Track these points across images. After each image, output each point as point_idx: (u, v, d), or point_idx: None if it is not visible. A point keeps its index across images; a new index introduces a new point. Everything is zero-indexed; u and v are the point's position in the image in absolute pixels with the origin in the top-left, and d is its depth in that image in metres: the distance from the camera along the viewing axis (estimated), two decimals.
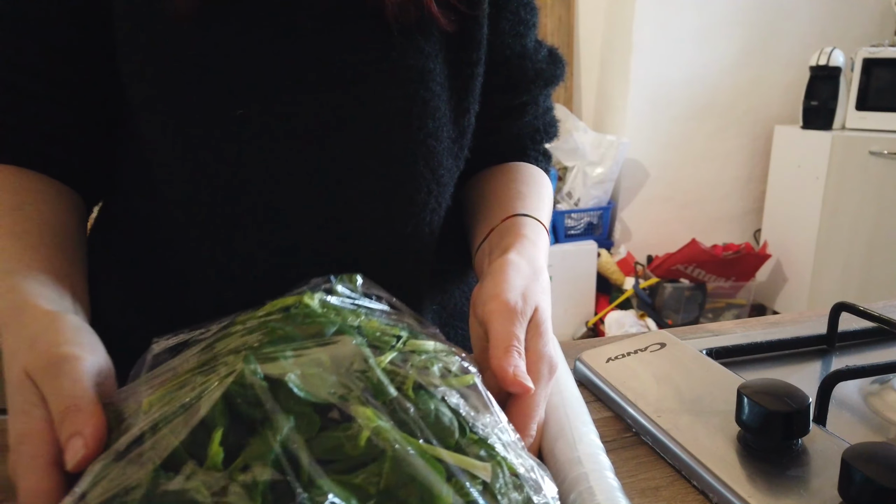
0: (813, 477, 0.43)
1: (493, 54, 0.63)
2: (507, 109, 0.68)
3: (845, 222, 2.51)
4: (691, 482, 0.46)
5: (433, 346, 0.39)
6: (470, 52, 0.58)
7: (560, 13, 2.90)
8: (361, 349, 0.35)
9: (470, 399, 0.36)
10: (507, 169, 0.68)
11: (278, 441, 0.29)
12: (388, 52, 0.53)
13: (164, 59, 0.50)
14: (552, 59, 0.68)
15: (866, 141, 2.43)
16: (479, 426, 0.34)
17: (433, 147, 0.56)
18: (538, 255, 0.54)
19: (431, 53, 0.55)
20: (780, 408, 0.44)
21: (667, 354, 0.60)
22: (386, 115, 0.54)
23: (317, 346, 0.35)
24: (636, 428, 0.52)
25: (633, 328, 2.55)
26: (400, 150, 0.55)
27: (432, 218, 0.59)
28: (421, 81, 0.54)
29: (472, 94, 0.59)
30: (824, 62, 2.55)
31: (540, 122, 0.71)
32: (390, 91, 0.54)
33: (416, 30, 0.54)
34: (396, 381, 0.34)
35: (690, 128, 2.82)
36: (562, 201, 2.79)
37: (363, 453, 0.30)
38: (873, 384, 0.58)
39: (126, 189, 0.59)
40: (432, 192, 0.58)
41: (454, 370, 0.37)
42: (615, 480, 0.40)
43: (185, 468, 0.29)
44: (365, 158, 0.54)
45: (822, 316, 0.67)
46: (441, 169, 0.58)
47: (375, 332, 0.38)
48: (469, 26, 0.57)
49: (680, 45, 2.70)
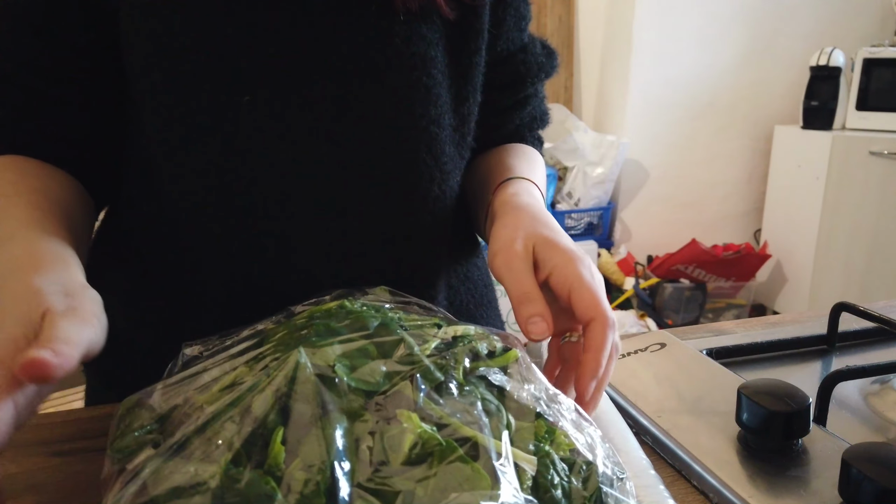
0: (813, 477, 0.43)
1: (498, 50, 0.64)
2: (510, 104, 0.69)
3: (846, 222, 2.51)
4: (691, 482, 0.46)
5: (473, 330, 0.39)
6: (470, 41, 0.59)
7: (560, 13, 2.90)
8: (406, 338, 0.35)
9: (515, 376, 0.36)
10: (499, 149, 0.69)
11: (335, 443, 0.30)
12: (391, 38, 0.53)
13: (171, 48, 0.50)
14: (547, 52, 0.70)
15: (867, 141, 2.43)
16: (525, 396, 0.35)
17: (436, 134, 0.57)
18: (531, 201, 0.55)
19: (433, 41, 0.56)
20: (781, 408, 0.44)
21: (667, 354, 0.60)
22: (389, 102, 0.54)
23: (362, 338, 0.36)
24: (636, 428, 0.52)
25: (634, 328, 2.55)
26: (403, 136, 0.55)
27: (435, 207, 0.59)
28: (423, 68, 0.55)
29: (472, 83, 0.60)
30: (825, 62, 2.55)
31: (537, 111, 0.72)
32: (392, 77, 0.54)
33: (419, 17, 0.55)
34: (444, 367, 0.35)
35: (691, 128, 2.82)
36: (562, 201, 2.79)
37: (409, 457, 0.30)
38: (874, 384, 0.58)
39: (131, 194, 0.60)
40: (435, 180, 0.58)
41: (498, 349, 0.38)
42: (658, 479, 0.41)
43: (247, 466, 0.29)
44: (368, 144, 0.54)
45: (823, 316, 0.67)
46: (444, 156, 0.58)
47: (417, 323, 0.39)
48: (470, 15, 0.58)
49: (680, 45, 2.70)
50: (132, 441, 0.33)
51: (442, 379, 0.33)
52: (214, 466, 0.29)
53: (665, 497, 0.40)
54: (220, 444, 0.30)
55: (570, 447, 0.33)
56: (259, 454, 0.30)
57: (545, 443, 0.33)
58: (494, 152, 0.68)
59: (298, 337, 0.37)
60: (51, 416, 0.52)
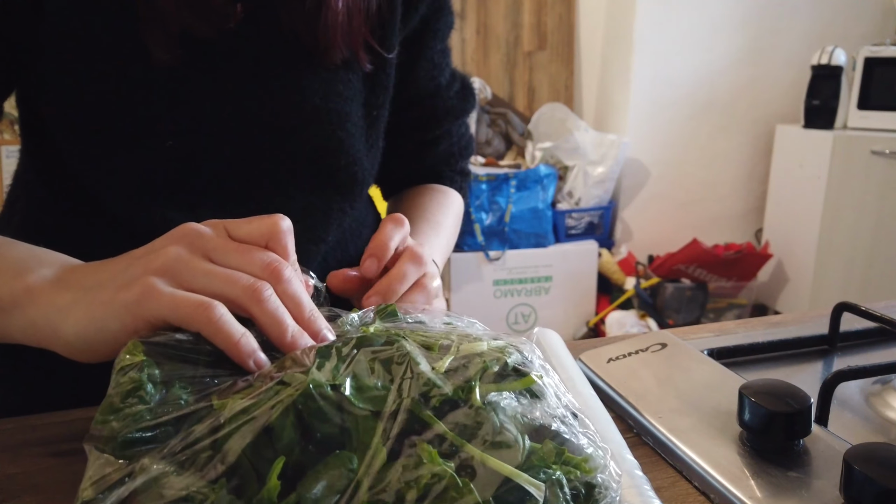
0: (815, 478, 0.43)
1: (408, 95, 0.71)
2: (422, 143, 0.76)
3: (847, 222, 2.51)
4: (693, 483, 0.46)
5: (486, 346, 0.38)
6: (377, 95, 0.65)
7: (560, 12, 2.90)
8: (412, 355, 0.35)
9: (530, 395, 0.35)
10: (417, 195, 0.76)
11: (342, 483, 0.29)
12: (311, 97, 0.59)
13: (90, 103, 0.53)
14: (463, 93, 0.77)
15: (868, 140, 2.43)
16: (539, 418, 0.34)
17: (352, 174, 0.64)
18: None
19: (349, 97, 0.62)
20: (782, 408, 0.44)
21: (668, 355, 0.60)
22: (303, 151, 0.60)
23: (369, 355, 0.35)
24: (637, 429, 0.52)
25: (635, 328, 2.55)
26: (318, 175, 0.62)
27: (344, 220, 0.67)
28: (339, 123, 0.61)
29: (377, 132, 0.66)
30: (826, 61, 2.55)
31: (455, 149, 0.78)
32: (312, 131, 0.60)
33: (337, 75, 0.60)
34: (455, 389, 0.33)
35: (692, 127, 2.82)
36: (562, 201, 2.79)
37: (423, 490, 0.30)
38: (875, 384, 0.58)
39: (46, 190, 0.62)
40: (346, 213, 0.66)
41: (511, 363, 0.36)
42: (644, 480, 0.41)
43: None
44: (287, 184, 0.61)
45: (824, 316, 0.67)
46: (356, 200, 0.67)
47: (423, 340, 0.38)
48: (380, 72, 0.64)
49: (681, 43, 2.69)
50: (131, 426, 0.32)
51: (450, 393, 0.33)
52: (208, 490, 0.28)
53: (651, 497, 0.40)
54: (226, 458, 0.29)
55: (584, 469, 0.33)
56: (264, 468, 0.29)
57: (557, 467, 0.32)
58: (410, 203, 0.74)
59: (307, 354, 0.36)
60: (51, 416, 0.52)
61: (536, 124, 2.90)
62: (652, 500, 0.40)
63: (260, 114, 0.58)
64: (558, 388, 0.37)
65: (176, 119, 0.55)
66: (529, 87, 3.00)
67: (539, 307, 2.67)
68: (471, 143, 0.81)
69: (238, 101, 0.57)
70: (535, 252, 2.63)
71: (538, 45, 2.94)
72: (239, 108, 0.57)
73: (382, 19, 0.62)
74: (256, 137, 0.58)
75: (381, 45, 0.62)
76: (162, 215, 0.56)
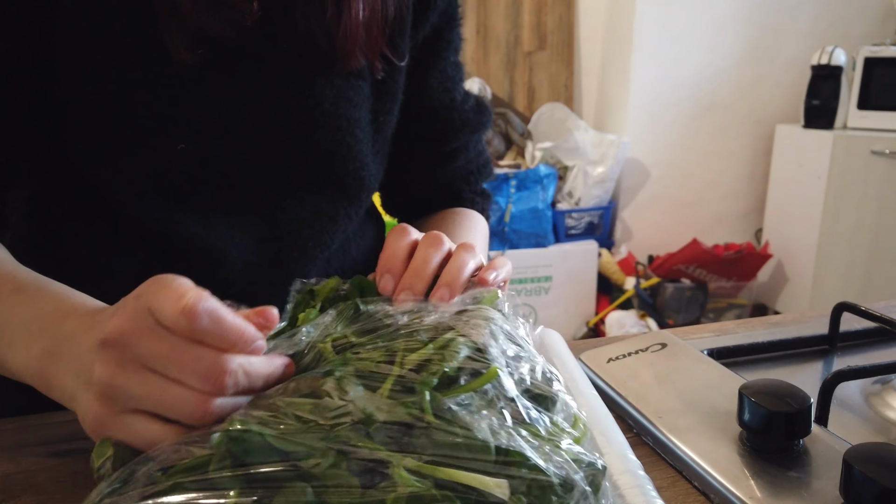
0: (815, 478, 0.43)
1: (422, 104, 0.71)
2: (438, 156, 0.75)
3: (847, 222, 2.51)
4: (693, 483, 0.46)
5: (432, 349, 0.37)
6: (385, 102, 0.65)
7: (560, 12, 2.90)
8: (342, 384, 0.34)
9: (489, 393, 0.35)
10: (439, 219, 0.75)
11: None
12: (321, 102, 0.59)
13: (108, 107, 0.53)
14: (479, 109, 0.76)
15: (868, 140, 2.43)
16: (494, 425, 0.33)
17: (360, 178, 0.64)
18: None
19: (358, 102, 0.62)
20: (782, 408, 0.44)
21: (668, 355, 0.60)
22: (313, 155, 0.61)
23: None
24: (637, 429, 0.52)
25: (634, 328, 2.55)
26: (326, 180, 0.62)
27: (349, 226, 0.67)
28: (348, 129, 0.61)
29: (383, 138, 0.67)
30: (826, 61, 2.55)
31: (473, 166, 0.78)
32: (320, 136, 0.60)
33: (352, 78, 0.61)
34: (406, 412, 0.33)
35: (692, 127, 2.82)
36: (562, 201, 2.79)
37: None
38: (875, 384, 0.58)
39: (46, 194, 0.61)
40: (351, 219, 0.66)
41: (461, 358, 0.36)
42: (647, 480, 0.41)
43: None
44: (296, 188, 0.61)
45: (824, 316, 0.67)
46: (362, 205, 0.67)
47: (368, 362, 0.36)
48: (389, 79, 0.64)
49: (681, 43, 2.69)
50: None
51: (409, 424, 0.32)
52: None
53: (654, 498, 0.40)
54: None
55: (534, 468, 0.32)
56: None
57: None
58: (434, 223, 0.74)
59: None
60: (51, 416, 0.52)
61: (536, 124, 2.90)
62: (655, 500, 0.40)
63: (273, 117, 0.58)
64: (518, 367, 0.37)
65: (189, 120, 0.55)
66: (529, 87, 3.00)
67: (539, 307, 2.67)
68: (489, 163, 0.81)
69: (252, 103, 0.57)
70: (535, 252, 2.63)
71: (538, 45, 2.93)
72: (252, 111, 0.57)
73: (394, 27, 0.63)
74: (268, 140, 0.58)
75: (392, 53, 0.63)
76: (172, 218, 0.56)
